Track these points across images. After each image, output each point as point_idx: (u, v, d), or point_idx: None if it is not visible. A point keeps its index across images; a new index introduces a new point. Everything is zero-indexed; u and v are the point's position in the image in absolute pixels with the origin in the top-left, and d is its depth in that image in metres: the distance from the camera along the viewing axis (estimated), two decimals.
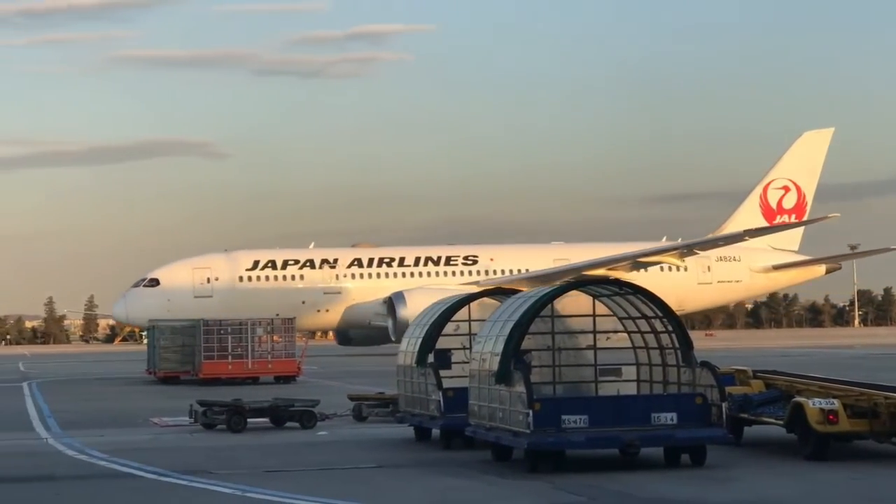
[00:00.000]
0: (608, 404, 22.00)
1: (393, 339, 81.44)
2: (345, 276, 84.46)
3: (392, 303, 79.34)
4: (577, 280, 24.02)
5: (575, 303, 23.75)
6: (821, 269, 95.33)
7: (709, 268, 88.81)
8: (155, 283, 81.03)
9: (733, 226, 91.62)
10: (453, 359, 25.81)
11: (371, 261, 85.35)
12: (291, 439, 27.60)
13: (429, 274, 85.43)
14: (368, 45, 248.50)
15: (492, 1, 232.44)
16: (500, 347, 21.60)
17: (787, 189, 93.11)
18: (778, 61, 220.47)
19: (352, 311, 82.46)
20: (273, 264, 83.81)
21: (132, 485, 20.73)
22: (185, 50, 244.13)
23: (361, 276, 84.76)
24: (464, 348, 25.87)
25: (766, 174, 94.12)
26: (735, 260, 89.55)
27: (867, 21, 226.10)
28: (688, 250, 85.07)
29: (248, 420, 29.56)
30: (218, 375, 49.71)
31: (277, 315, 73.06)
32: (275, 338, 51.81)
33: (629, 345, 23.88)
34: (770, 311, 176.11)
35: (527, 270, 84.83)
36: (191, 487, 20.06)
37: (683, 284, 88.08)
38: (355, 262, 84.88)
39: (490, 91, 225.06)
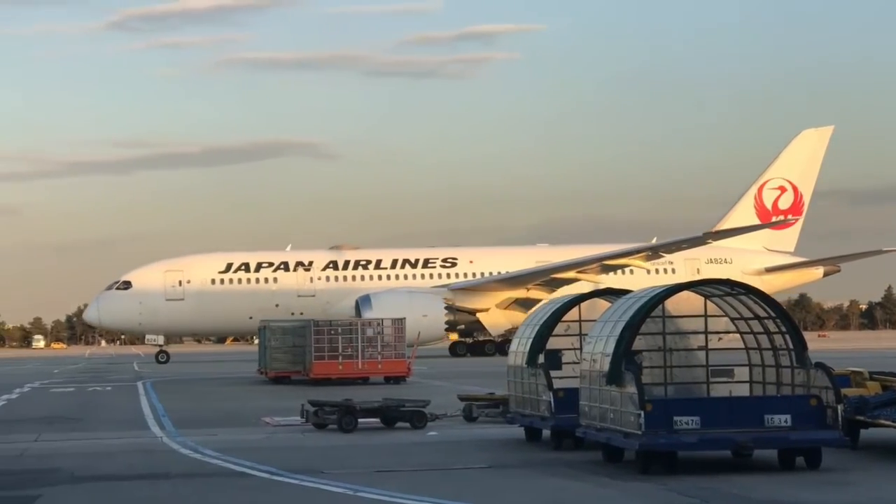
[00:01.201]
0: (721, 405, 21.74)
1: None
2: (319, 278, 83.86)
3: (358, 306, 78.94)
4: (690, 281, 23.80)
5: (686, 303, 23.52)
6: (818, 272, 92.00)
7: (698, 270, 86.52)
8: (127, 285, 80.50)
9: (727, 226, 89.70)
10: (564, 359, 25.70)
11: (347, 263, 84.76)
12: (402, 439, 27.66)
13: (405, 276, 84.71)
14: (480, 46, 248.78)
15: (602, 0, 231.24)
16: (610, 348, 21.46)
17: (783, 189, 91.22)
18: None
19: (326, 314, 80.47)
20: (246, 267, 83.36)
21: (245, 483, 20.89)
22: (298, 52, 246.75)
23: (336, 278, 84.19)
24: (574, 349, 25.75)
25: (762, 174, 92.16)
26: (727, 262, 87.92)
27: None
28: (653, 253, 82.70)
29: (359, 420, 29.67)
30: (328, 375, 50.04)
31: (251, 318, 72.94)
32: (383, 339, 51.94)
33: (741, 345, 23.62)
34: (885, 311, 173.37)
35: (507, 273, 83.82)
36: (302, 486, 20.16)
37: None
38: (330, 265, 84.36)
39: (599, 90, 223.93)
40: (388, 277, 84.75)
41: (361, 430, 29.28)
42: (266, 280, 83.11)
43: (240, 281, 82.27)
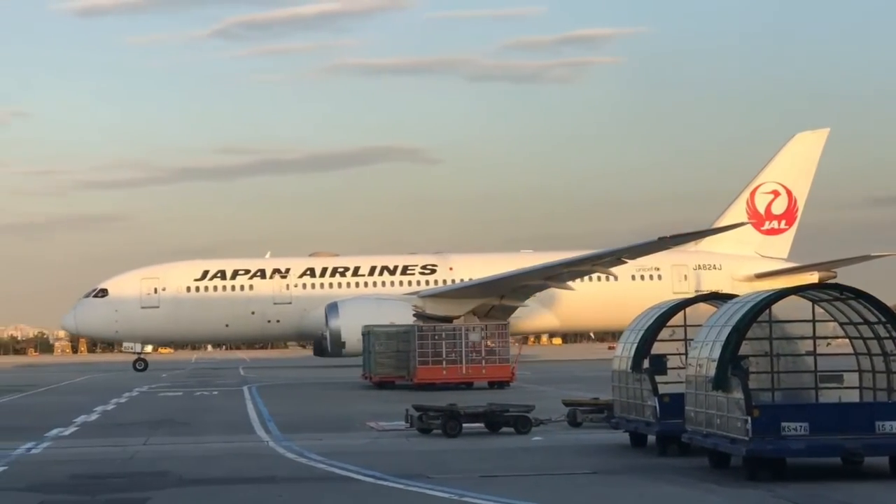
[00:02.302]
0: (830, 411, 21.44)
1: (329, 350, 79.20)
2: (295, 285, 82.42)
3: (326, 314, 77.77)
4: (798, 286, 23.50)
5: (793, 308, 23.23)
6: (812, 278, 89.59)
7: (686, 276, 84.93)
8: (104, 293, 79.71)
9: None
10: (668, 364, 25.51)
11: (324, 270, 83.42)
12: (506, 444, 27.63)
13: (383, 284, 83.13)
14: (582, 50, 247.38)
15: (707, 3, 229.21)
16: (717, 353, 21.25)
17: (776, 193, 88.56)
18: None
19: (304, 322, 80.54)
20: (222, 274, 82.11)
21: (350, 488, 20.98)
22: (402, 57, 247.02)
23: (313, 285, 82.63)
24: (679, 353, 25.57)
25: (755, 177, 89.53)
26: (716, 268, 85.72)
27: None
28: (615, 259, 79.23)
29: (464, 425, 29.68)
30: (432, 380, 50.10)
31: (227, 325, 71.47)
32: (488, 343, 51.93)
33: (850, 351, 23.28)
34: None
35: (474, 279, 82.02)
36: (407, 491, 20.21)
37: (658, 294, 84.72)
38: (307, 272, 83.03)
39: (704, 95, 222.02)
40: (366, 285, 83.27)
41: (466, 435, 29.29)
42: (242, 287, 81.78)
43: (215, 288, 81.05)
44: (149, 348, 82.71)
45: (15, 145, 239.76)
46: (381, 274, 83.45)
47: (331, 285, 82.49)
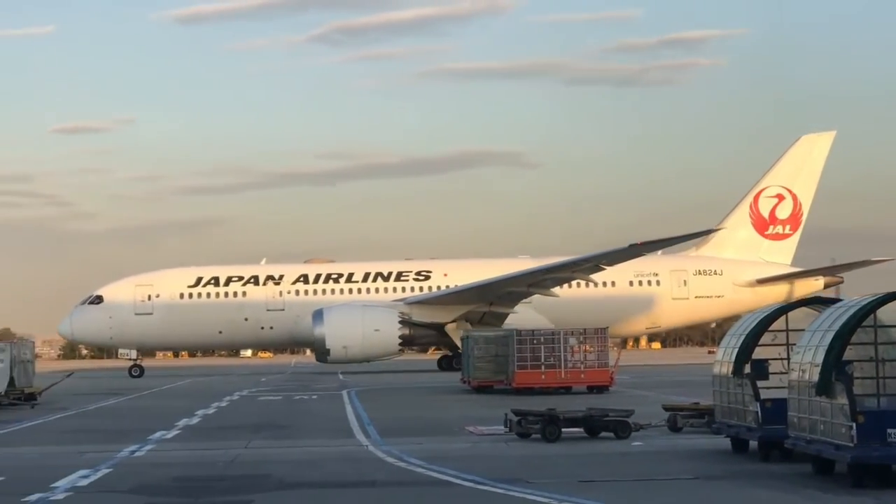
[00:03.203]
0: None
1: (316, 357, 79.21)
2: (289, 292, 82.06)
3: (312, 321, 77.19)
4: None
5: None
6: (818, 283, 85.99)
7: (685, 282, 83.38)
8: (99, 300, 79.92)
9: (720, 237, 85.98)
10: (771, 369, 25.23)
11: (318, 277, 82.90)
12: (606, 449, 27.51)
13: (377, 290, 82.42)
14: (682, 52, 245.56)
15: (812, 3, 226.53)
16: (820, 358, 20.98)
17: (780, 197, 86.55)
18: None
19: (297, 328, 79.96)
20: (216, 281, 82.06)
21: (450, 492, 21.00)
22: (500, 61, 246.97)
23: (306, 292, 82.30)
24: (781, 359, 25.29)
25: (758, 181, 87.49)
26: (716, 274, 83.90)
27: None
28: (594, 266, 77.96)
29: (563, 429, 29.62)
30: (531, 385, 50.02)
31: (220, 332, 70.82)
32: (586, 347, 51.72)
33: None
34: None
35: (457, 286, 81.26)
36: (507, 496, 20.17)
37: (656, 299, 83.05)
38: (301, 279, 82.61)
39: (806, 95, 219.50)
40: (360, 291, 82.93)
41: (565, 440, 29.21)
42: (235, 294, 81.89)
43: (209, 295, 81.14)
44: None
45: (119, 152, 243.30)
46: (374, 280, 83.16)
47: (324, 291, 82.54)
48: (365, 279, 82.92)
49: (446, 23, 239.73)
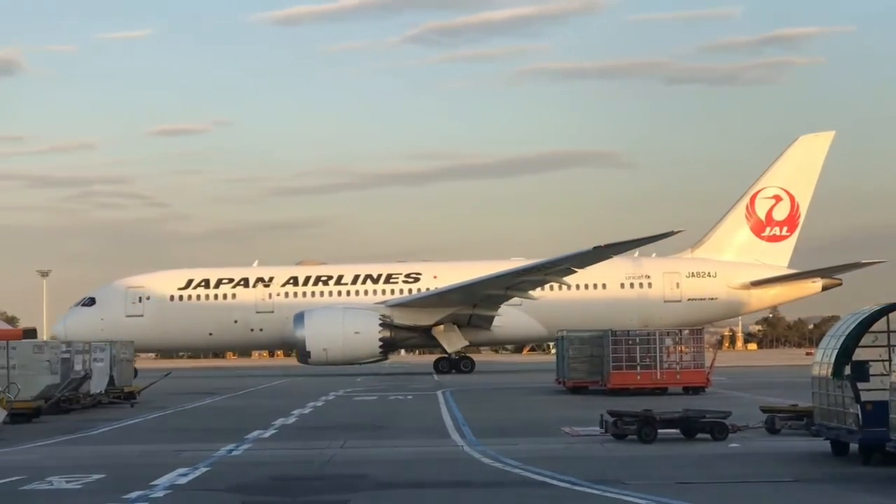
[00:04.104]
0: None
1: (298, 360, 78.74)
2: (278, 294, 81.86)
3: (293, 323, 76.85)
4: None
5: None
6: (816, 286, 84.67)
7: (678, 284, 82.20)
8: (91, 302, 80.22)
9: (715, 238, 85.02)
10: (871, 371, 24.87)
11: (308, 279, 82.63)
12: (703, 451, 27.29)
13: (365, 292, 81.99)
14: (782, 50, 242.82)
15: None
16: None
17: (778, 199, 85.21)
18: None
19: (286, 330, 79.33)
20: (206, 283, 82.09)
21: (546, 493, 20.93)
22: (596, 61, 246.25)
23: (295, 294, 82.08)
24: (882, 360, 24.92)
25: (755, 182, 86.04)
26: (710, 276, 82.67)
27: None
28: (565, 269, 77.06)
29: (659, 431, 29.44)
30: (626, 386, 49.79)
31: (210, 334, 69.95)
32: (682, 348, 51.38)
33: None
34: None
35: (436, 289, 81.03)
36: (604, 497, 20.07)
37: (648, 302, 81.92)
38: (290, 281, 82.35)
39: None
40: (349, 293, 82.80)
41: (661, 441, 29.03)
42: (225, 296, 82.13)
43: (199, 297, 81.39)
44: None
45: (216, 153, 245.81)
46: (363, 282, 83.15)
47: (313, 294, 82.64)
48: (354, 281, 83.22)
49: (542, 22, 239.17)
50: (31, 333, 40.04)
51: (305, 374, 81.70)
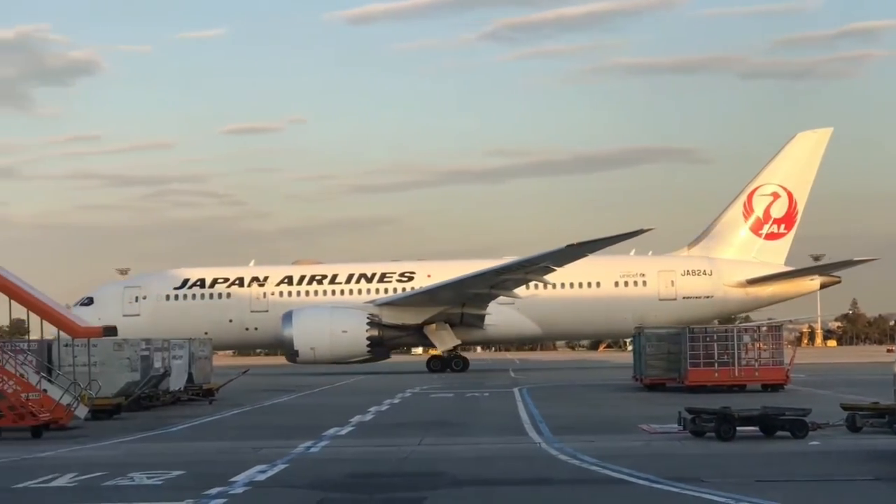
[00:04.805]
0: None
1: (286, 358, 78.66)
2: (273, 293, 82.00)
3: (282, 322, 76.72)
4: None
5: None
6: (814, 283, 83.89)
7: (672, 282, 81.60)
8: (90, 301, 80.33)
9: (712, 236, 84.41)
10: None
11: (302, 278, 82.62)
12: (782, 448, 27.04)
13: (359, 291, 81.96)
14: (860, 43, 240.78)
15: None
16: None
17: (776, 196, 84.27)
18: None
19: (280, 329, 79.12)
20: (202, 282, 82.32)
21: (624, 490, 20.83)
22: (671, 56, 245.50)
23: (290, 293, 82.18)
24: None
25: (753, 179, 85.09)
26: (705, 274, 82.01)
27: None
28: (545, 267, 76.60)
29: (737, 428, 29.22)
30: (704, 383, 49.53)
31: (206, 333, 70.02)
32: (760, 345, 50.98)
33: None
34: None
35: (422, 287, 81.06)
36: (683, 495, 19.93)
37: (642, 300, 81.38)
38: (285, 280, 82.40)
39: None
40: (342, 292, 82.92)
41: (740, 439, 28.82)
42: (220, 295, 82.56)
43: (194, 297, 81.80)
44: None
45: (291, 152, 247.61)
46: (358, 281, 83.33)
47: (307, 293, 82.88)
48: (348, 280, 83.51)
49: (617, 18, 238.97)
50: (111, 331, 40.40)
51: (380, 371, 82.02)
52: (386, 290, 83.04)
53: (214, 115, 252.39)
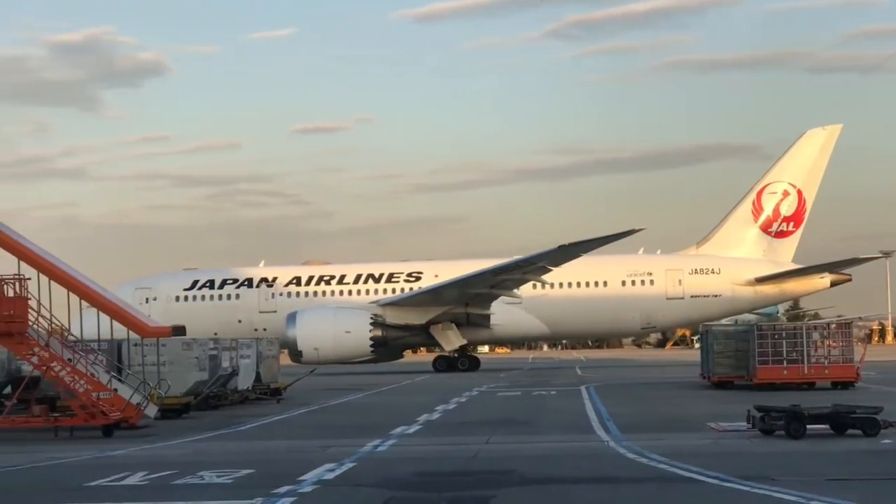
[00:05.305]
0: None
1: (290, 359, 78.18)
2: (281, 294, 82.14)
3: (286, 323, 76.70)
4: None
5: None
6: (824, 281, 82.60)
7: (680, 281, 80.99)
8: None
9: (721, 235, 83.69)
10: None
11: (311, 279, 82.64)
12: (853, 447, 26.76)
13: (367, 292, 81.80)
14: None
15: None
16: None
17: (786, 193, 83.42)
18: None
19: (284, 329, 78.75)
20: (211, 284, 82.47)
21: (694, 489, 20.70)
22: (738, 52, 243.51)
23: (298, 294, 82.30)
24: None
25: (762, 177, 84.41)
26: (714, 272, 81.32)
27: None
28: (541, 267, 76.26)
29: (808, 426, 28.97)
30: (772, 380, 49.16)
31: (215, 333, 69.99)
32: (830, 342, 50.54)
33: None
34: None
35: (423, 287, 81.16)
36: (753, 493, 19.77)
37: (650, 299, 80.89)
38: (293, 281, 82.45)
39: None
40: (350, 293, 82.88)
41: (810, 437, 28.56)
42: (229, 296, 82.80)
43: (203, 298, 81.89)
44: None
45: (357, 151, 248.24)
46: (366, 282, 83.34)
47: (315, 293, 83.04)
48: (356, 280, 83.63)
49: (682, 14, 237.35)
50: (179, 331, 40.74)
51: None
52: (394, 291, 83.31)
53: (282, 114, 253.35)
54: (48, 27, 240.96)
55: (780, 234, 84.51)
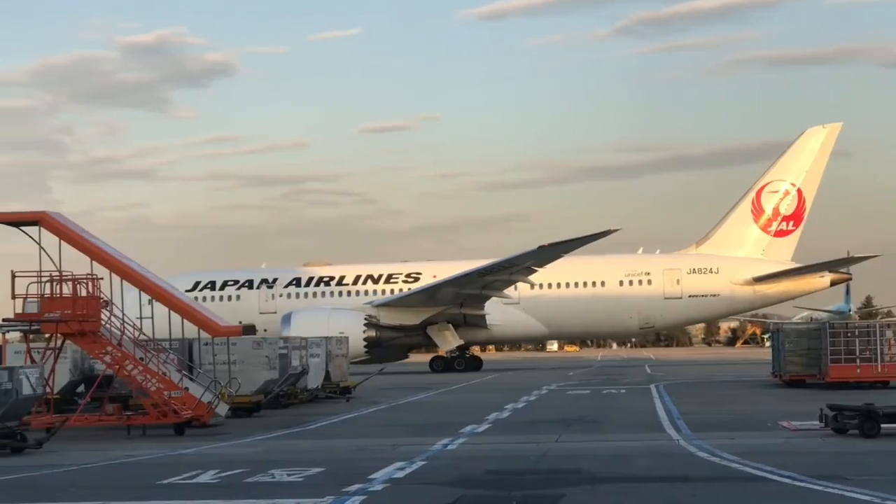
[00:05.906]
0: None
1: None
2: (281, 295, 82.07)
3: (280, 324, 76.28)
4: None
5: None
6: (823, 281, 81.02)
7: (678, 280, 79.88)
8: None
9: (721, 234, 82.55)
10: None
11: (310, 280, 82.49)
12: None
13: (366, 293, 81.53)
14: None
15: None
16: None
17: (786, 192, 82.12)
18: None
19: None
20: (212, 285, 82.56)
21: (766, 488, 20.55)
22: (807, 47, 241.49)
23: (297, 295, 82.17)
24: None
25: (762, 176, 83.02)
26: (712, 272, 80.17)
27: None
28: (527, 268, 75.53)
29: (882, 425, 28.67)
30: (845, 379, 48.74)
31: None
32: None
33: None
34: None
35: (417, 287, 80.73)
36: (826, 493, 19.60)
37: (648, 299, 79.97)
38: (293, 282, 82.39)
39: None
40: (349, 294, 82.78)
41: (884, 436, 28.27)
42: (230, 298, 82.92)
43: (204, 299, 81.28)
44: None
45: (424, 149, 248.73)
46: (364, 283, 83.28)
47: (315, 295, 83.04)
48: (355, 282, 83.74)
49: (752, 9, 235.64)
50: (249, 330, 41.01)
51: (515, 368, 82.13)
52: (392, 291, 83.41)
53: (349, 114, 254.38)
54: (120, 29, 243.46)
55: (780, 234, 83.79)
